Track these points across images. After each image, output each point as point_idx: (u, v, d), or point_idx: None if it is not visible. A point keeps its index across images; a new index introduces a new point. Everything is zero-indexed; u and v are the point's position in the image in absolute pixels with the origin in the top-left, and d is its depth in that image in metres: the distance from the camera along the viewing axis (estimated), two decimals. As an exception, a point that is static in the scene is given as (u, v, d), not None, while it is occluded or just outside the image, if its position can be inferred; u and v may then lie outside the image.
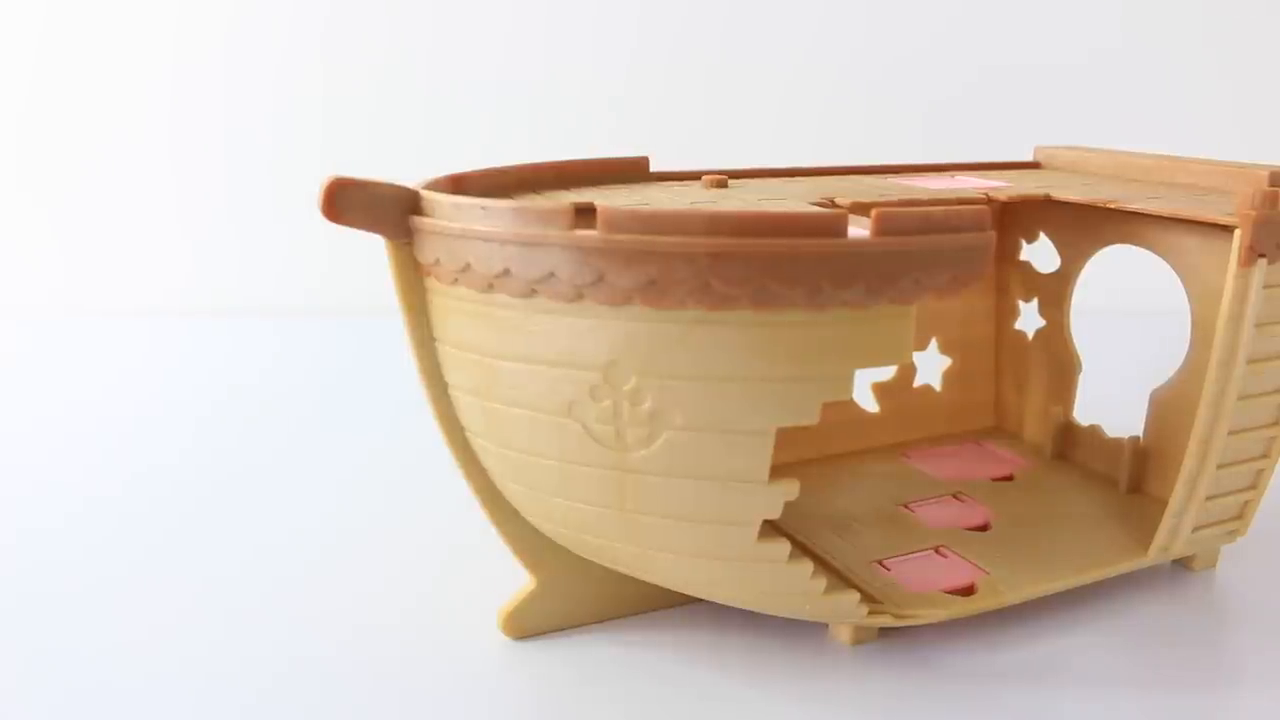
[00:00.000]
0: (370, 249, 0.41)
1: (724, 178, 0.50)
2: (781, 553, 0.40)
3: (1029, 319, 0.62)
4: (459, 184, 0.43)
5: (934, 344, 0.63)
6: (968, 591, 0.45)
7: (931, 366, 0.63)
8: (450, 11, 1.00)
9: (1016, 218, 0.61)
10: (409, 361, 0.41)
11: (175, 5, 0.98)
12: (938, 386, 0.63)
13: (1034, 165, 0.62)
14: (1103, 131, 0.78)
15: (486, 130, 1.01)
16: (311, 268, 1.00)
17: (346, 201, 0.37)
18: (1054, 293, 0.60)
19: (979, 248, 0.37)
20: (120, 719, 0.40)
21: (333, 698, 0.41)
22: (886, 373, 0.61)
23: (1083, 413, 0.60)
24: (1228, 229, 0.43)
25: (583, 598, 0.46)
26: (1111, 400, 0.58)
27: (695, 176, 0.52)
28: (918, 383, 0.63)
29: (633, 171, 0.52)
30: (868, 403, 0.61)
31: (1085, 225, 0.57)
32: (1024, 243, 0.62)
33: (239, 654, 0.44)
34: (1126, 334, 0.80)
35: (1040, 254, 0.61)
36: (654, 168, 0.52)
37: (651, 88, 1.02)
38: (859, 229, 0.36)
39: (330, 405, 0.75)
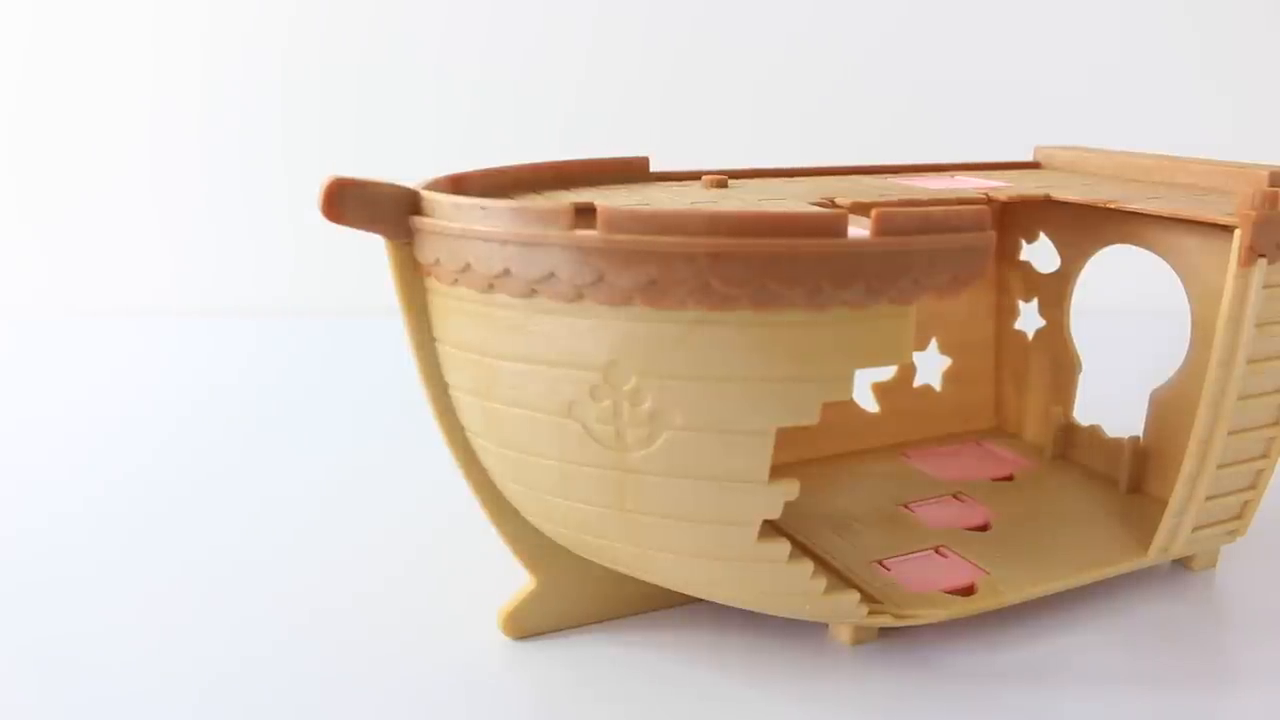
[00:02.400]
0: (370, 249, 0.41)
1: (724, 178, 0.50)
2: (781, 553, 0.40)
3: (1029, 319, 0.62)
4: (459, 184, 0.43)
5: (934, 344, 0.63)
6: (968, 591, 0.45)
7: (931, 366, 0.63)
8: (450, 10, 1.00)
9: (1016, 218, 0.61)
10: (409, 361, 0.41)
11: (175, 3, 0.98)
12: (938, 386, 0.63)
13: (1034, 165, 0.62)
14: (1103, 131, 0.78)
15: (486, 130, 1.01)
16: (311, 268, 1.00)
17: (347, 201, 0.37)
18: (1054, 293, 0.60)
19: (979, 248, 0.37)
20: (119, 719, 0.40)
21: (333, 698, 0.41)
22: (886, 373, 0.61)
23: (1083, 413, 0.60)
24: (1228, 229, 0.43)
25: (582, 598, 0.46)
26: (1111, 400, 0.58)
27: (695, 176, 0.52)
28: (918, 383, 0.63)
29: (633, 171, 0.52)
30: (868, 403, 0.61)
31: (1085, 225, 0.57)
32: (1024, 243, 0.62)
33: (237, 654, 0.44)
34: (1126, 334, 0.80)
35: (1040, 254, 0.61)
36: (654, 168, 0.52)
37: (651, 88, 1.02)
38: (859, 229, 0.36)
39: (330, 405, 0.75)
